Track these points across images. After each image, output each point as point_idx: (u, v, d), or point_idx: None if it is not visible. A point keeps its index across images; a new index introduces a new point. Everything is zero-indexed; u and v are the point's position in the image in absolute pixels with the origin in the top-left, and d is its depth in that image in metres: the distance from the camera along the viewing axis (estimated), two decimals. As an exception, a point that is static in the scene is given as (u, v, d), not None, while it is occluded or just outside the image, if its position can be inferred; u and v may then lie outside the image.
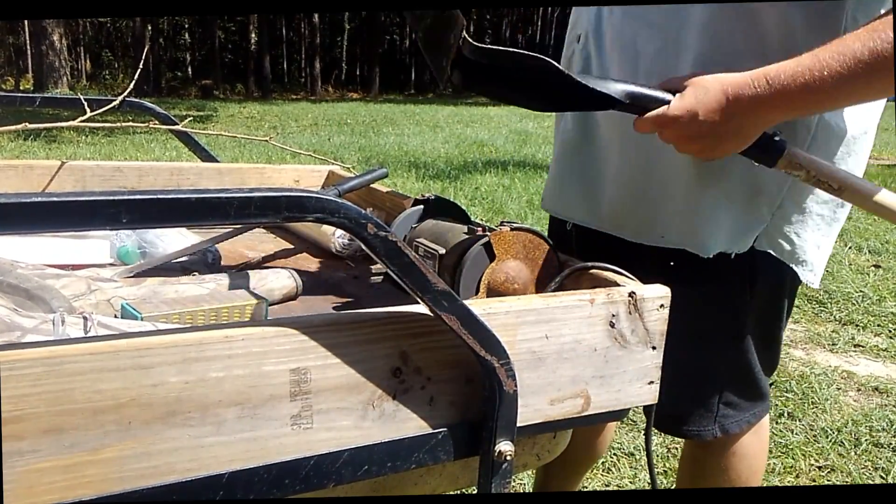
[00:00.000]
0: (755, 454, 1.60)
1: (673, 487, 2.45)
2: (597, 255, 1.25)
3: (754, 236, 1.36)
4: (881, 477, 2.64)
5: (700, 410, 1.51)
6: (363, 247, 0.82)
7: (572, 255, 1.27)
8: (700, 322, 1.39)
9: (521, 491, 2.45)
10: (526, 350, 1.00)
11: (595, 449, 1.98)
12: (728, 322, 1.45)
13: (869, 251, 5.63)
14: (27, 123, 1.70)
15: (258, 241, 1.82)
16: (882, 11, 1.16)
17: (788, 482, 2.59)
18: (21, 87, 27.76)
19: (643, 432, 2.79)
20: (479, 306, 0.95)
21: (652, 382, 1.12)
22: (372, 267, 1.61)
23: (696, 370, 1.47)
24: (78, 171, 1.86)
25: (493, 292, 1.19)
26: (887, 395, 3.27)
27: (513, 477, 1.02)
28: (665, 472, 2.59)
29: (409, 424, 0.95)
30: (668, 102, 1.20)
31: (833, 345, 3.82)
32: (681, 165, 1.35)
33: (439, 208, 1.42)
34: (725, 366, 1.49)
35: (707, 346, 1.45)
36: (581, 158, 1.50)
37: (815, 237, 1.39)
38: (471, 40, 1.14)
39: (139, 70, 2.83)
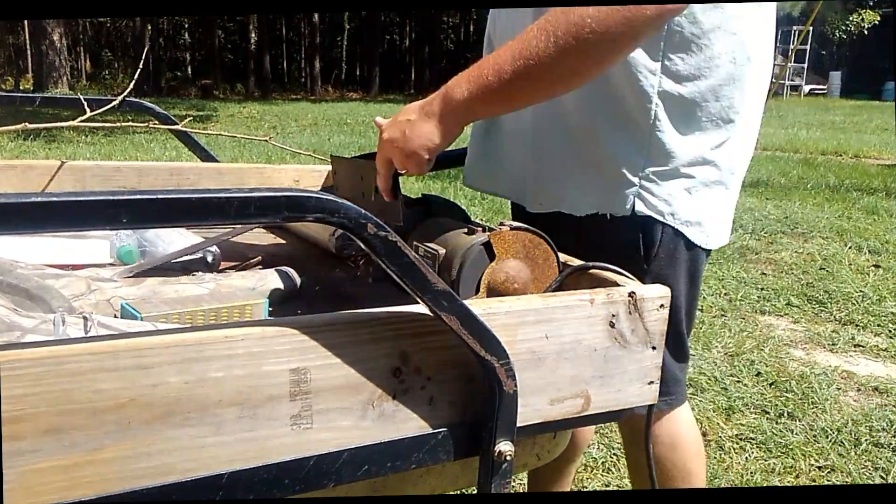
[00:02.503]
0: (680, 441, 1.64)
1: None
2: (526, 222, 1.32)
3: (627, 199, 1.41)
4: (881, 477, 2.64)
5: None
6: (363, 247, 0.82)
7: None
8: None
9: (521, 491, 2.45)
10: (526, 350, 1.00)
11: (576, 438, 1.99)
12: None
13: (869, 251, 5.63)
14: (27, 123, 1.71)
15: (258, 241, 1.82)
16: None
17: (788, 482, 2.59)
18: (21, 87, 27.76)
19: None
20: (478, 306, 0.95)
21: (652, 382, 1.12)
22: (364, 265, 1.61)
23: None
24: (78, 171, 1.86)
25: (492, 292, 1.19)
26: (887, 395, 3.27)
27: (513, 477, 1.02)
28: (665, 472, 2.59)
29: (408, 424, 0.95)
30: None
31: (833, 345, 3.82)
32: (550, 142, 1.47)
33: (439, 208, 1.42)
34: None
35: None
36: (490, 141, 1.61)
37: (696, 198, 1.44)
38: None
39: (139, 70, 2.83)
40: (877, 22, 30.56)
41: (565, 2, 1.19)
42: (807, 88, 30.13)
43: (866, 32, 31.05)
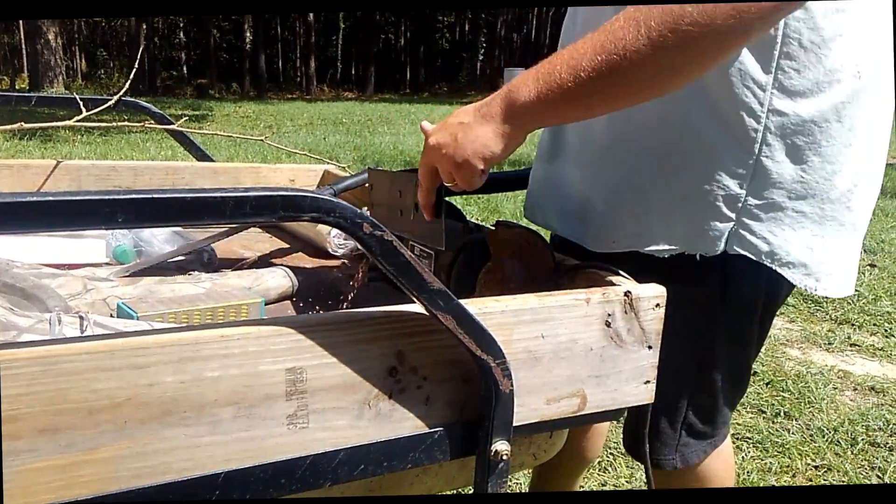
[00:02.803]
0: (720, 478, 1.54)
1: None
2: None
3: (720, 237, 1.23)
4: (878, 476, 2.64)
5: (662, 436, 1.43)
6: (359, 246, 0.82)
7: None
8: (668, 330, 1.23)
9: (518, 491, 2.45)
10: (522, 349, 1.00)
11: (585, 453, 1.96)
12: (698, 330, 1.34)
13: (865, 250, 5.64)
14: (23, 123, 1.70)
15: (254, 241, 1.82)
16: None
17: (785, 482, 2.60)
18: (16, 87, 27.72)
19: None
20: (474, 306, 0.95)
21: (648, 382, 1.13)
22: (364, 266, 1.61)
23: (660, 386, 1.28)
24: (73, 170, 1.86)
25: (488, 292, 1.19)
26: (883, 395, 3.28)
27: (509, 477, 1.02)
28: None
29: (405, 424, 0.95)
30: None
31: (829, 344, 3.83)
32: (632, 170, 1.27)
33: (435, 208, 1.42)
34: (691, 383, 1.40)
35: (672, 357, 1.25)
36: (553, 168, 1.44)
37: (802, 237, 1.24)
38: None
39: (134, 69, 2.82)
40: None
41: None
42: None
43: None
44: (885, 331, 4.02)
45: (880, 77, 1.21)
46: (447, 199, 1.29)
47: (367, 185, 1.48)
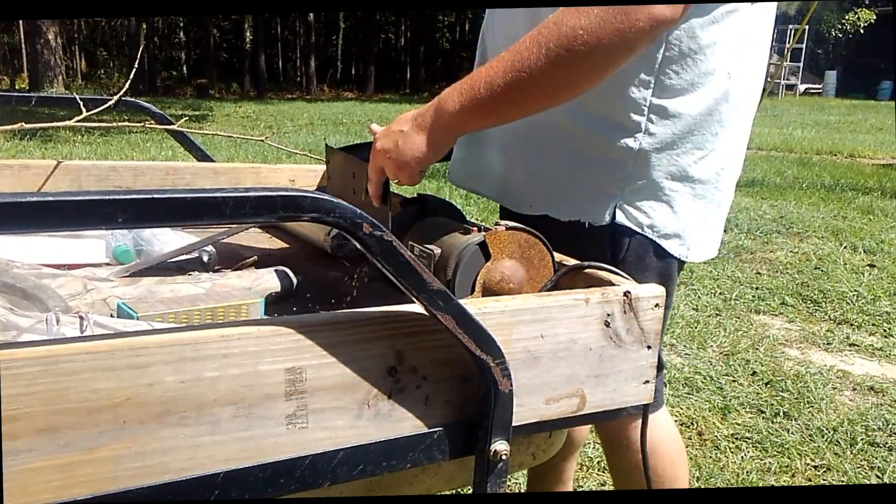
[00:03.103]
0: (658, 446, 1.62)
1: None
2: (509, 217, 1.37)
3: (608, 208, 1.42)
4: (877, 476, 2.64)
5: None
6: (358, 246, 0.82)
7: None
8: None
9: (517, 491, 2.45)
10: (521, 349, 1.00)
11: (574, 435, 1.98)
12: None
13: (864, 251, 5.64)
14: (23, 123, 1.70)
15: (254, 241, 1.82)
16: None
17: (784, 482, 2.60)
18: (16, 87, 27.70)
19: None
20: (474, 306, 0.95)
21: (647, 382, 1.13)
22: (366, 266, 1.61)
23: None
24: (74, 170, 1.86)
25: (488, 292, 1.19)
26: (882, 395, 3.28)
27: (508, 476, 1.02)
28: (660, 471, 2.59)
29: (404, 424, 0.95)
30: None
31: (828, 344, 3.83)
32: (542, 142, 1.46)
33: (434, 208, 1.43)
34: None
35: None
36: (474, 139, 1.59)
37: (677, 212, 1.43)
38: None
39: (134, 69, 2.82)
40: (872, 21, 30.59)
41: (559, 2, 1.18)
42: (802, 88, 30.15)
43: (862, 31, 31.04)
44: (884, 331, 4.02)
45: (747, 76, 1.41)
46: (443, 199, 1.48)
47: (325, 157, 1.69)
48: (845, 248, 5.71)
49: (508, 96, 1.20)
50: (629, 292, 1.07)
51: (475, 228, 1.25)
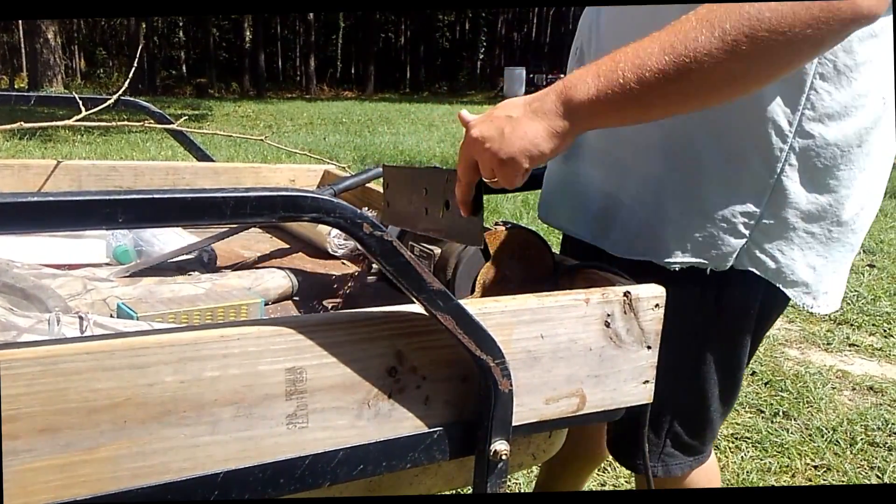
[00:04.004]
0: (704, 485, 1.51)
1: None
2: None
3: (732, 253, 1.23)
4: (877, 476, 2.64)
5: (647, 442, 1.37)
6: (359, 246, 0.82)
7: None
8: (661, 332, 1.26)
9: (517, 491, 2.45)
10: (521, 349, 1.00)
11: (598, 451, 1.94)
12: (689, 336, 1.32)
13: (864, 251, 5.64)
14: (22, 122, 1.70)
15: (254, 241, 1.82)
16: None
17: (784, 482, 2.60)
18: (15, 86, 27.71)
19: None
20: (474, 306, 0.95)
21: (647, 382, 1.13)
22: (366, 266, 1.61)
23: None
24: (73, 170, 1.86)
25: (488, 292, 1.19)
26: (882, 395, 3.28)
27: (508, 476, 1.02)
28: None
29: (404, 424, 0.95)
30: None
31: (828, 344, 3.83)
32: (654, 179, 1.26)
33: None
34: (680, 391, 1.36)
35: (664, 358, 1.23)
36: (569, 170, 1.42)
37: (808, 257, 1.25)
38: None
39: (134, 68, 2.82)
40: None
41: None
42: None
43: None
44: (884, 331, 4.02)
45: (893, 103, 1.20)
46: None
47: (382, 182, 1.44)
48: (845, 247, 5.70)
49: (662, 85, 0.99)
50: (629, 292, 1.07)
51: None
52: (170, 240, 1.59)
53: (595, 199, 1.36)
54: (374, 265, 1.39)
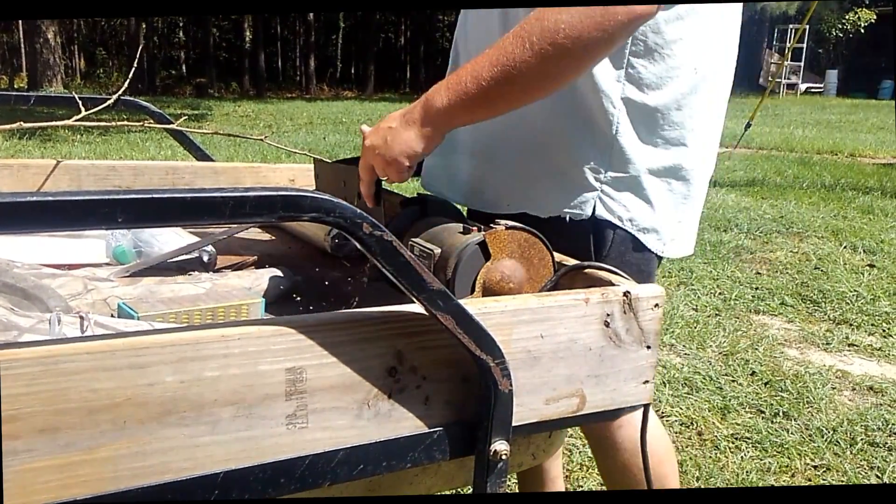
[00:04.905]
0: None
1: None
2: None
3: (588, 203, 1.44)
4: (877, 476, 2.64)
5: None
6: (358, 246, 0.82)
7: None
8: None
9: (517, 491, 2.45)
10: (521, 349, 1.00)
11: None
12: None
13: (864, 251, 5.64)
14: (22, 122, 1.70)
15: (254, 241, 1.82)
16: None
17: (784, 482, 2.60)
18: (15, 86, 27.70)
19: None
20: (474, 306, 0.95)
21: (647, 382, 1.13)
22: (367, 266, 1.61)
23: None
24: (73, 170, 1.85)
25: (488, 291, 1.19)
26: (882, 395, 3.28)
27: (508, 476, 1.02)
28: (660, 470, 2.59)
29: (404, 424, 0.95)
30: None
31: (827, 344, 3.83)
32: (516, 146, 1.49)
33: (434, 208, 1.42)
34: None
35: None
36: (444, 160, 1.63)
37: (655, 207, 1.46)
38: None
39: (133, 68, 2.82)
40: (873, 20, 30.61)
41: (547, 2, 1.21)
42: (803, 87, 30.06)
43: (863, 31, 31.09)
44: (884, 331, 4.02)
45: (716, 72, 1.46)
46: (443, 199, 1.49)
47: (314, 173, 1.72)
48: (845, 248, 5.71)
49: (495, 89, 1.23)
50: (629, 292, 1.08)
51: (475, 228, 1.25)
52: (170, 240, 1.59)
53: (467, 167, 1.61)
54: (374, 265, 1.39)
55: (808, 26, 18.16)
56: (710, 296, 4.53)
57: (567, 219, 1.46)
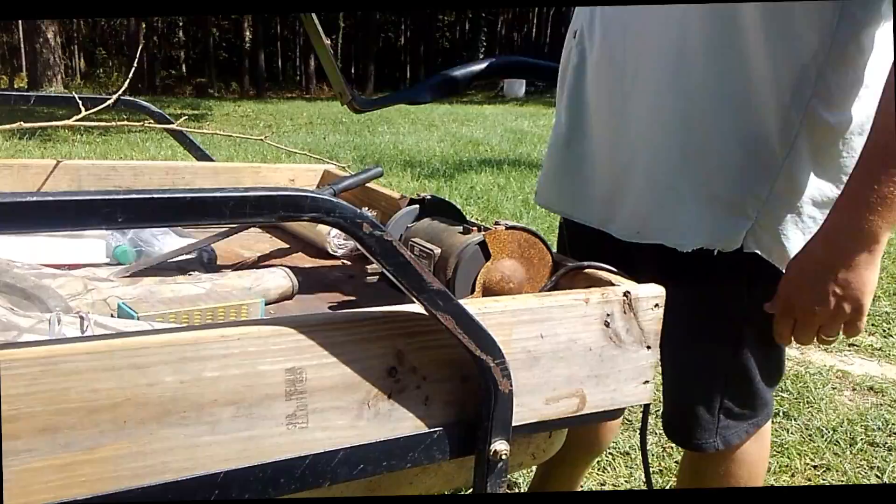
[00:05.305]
0: (756, 461, 1.57)
1: (669, 487, 2.45)
2: (586, 254, 1.26)
3: (739, 234, 1.29)
4: (877, 476, 2.64)
5: (701, 422, 1.48)
6: (359, 246, 0.82)
7: (565, 254, 1.28)
8: (694, 325, 1.38)
9: (517, 490, 2.45)
10: (521, 349, 1.00)
11: (597, 442, 1.96)
12: (723, 325, 1.41)
13: (863, 250, 5.63)
14: (22, 122, 1.70)
15: (254, 241, 1.82)
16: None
17: (784, 482, 2.60)
18: (15, 86, 27.70)
19: (639, 431, 2.79)
20: (474, 306, 0.95)
21: (647, 382, 1.13)
22: (367, 266, 1.61)
23: (694, 377, 1.47)
24: (73, 170, 1.86)
25: (488, 291, 1.19)
26: (882, 395, 3.28)
27: (508, 476, 1.02)
28: (660, 471, 2.60)
29: (404, 424, 0.95)
30: None
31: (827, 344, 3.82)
32: (663, 161, 1.33)
33: (435, 208, 1.42)
34: (723, 372, 1.45)
35: (703, 350, 1.42)
36: (572, 153, 1.48)
37: (806, 238, 1.29)
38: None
39: (133, 68, 2.82)
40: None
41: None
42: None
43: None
44: (884, 331, 4.02)
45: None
46: (443, 199, 1.41)
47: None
48: (845, 247, 5.70)
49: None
50: (629, 292, 1.08)
51: (475, 228, 1.25)
52: (170, 240, 1.59)
53: (601, 183, 1.41)
54: (374, 265, 1.39)
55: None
56: (710, 296, 4.52)
57: (715, 252, 1.31)
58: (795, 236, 1.30)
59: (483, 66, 1.69)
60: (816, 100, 1.22)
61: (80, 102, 1.84)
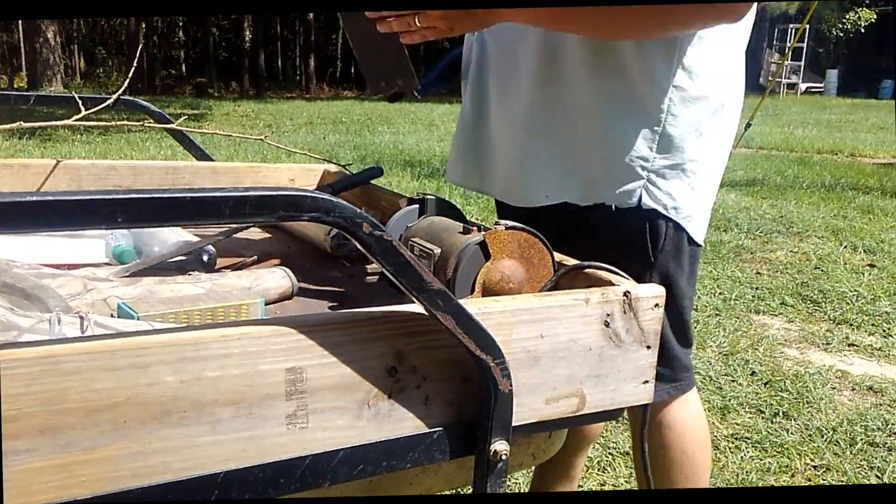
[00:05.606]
0: (689, 429, 1.64)
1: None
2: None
3: (634, 191, 1.45)
4: (877, 476, 2.64)
5: None
6: (358, 246, 0.82)
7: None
8: None
9: (517, 490, 2.45)
10: (521, 349, 1.00)
11: (588, 430, 1.98)
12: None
13: (864, 250, 5.64)
14: (21, 122, 1.70)
15: (253, 241, 1.82)
16: None
17: (784, 482, 2.60)
18: (15, 85, 27.69)
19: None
20: (474, 305, 0.95)
21: (647, 381, 1.13)
22: (367, 266, 1.61)
23: None
24: (73, 169, 1.86)
25: (488, 291, 1.19)
26: (882, 395, 3.28)
27: (508, 476, 1.02)
28: (660, 470, 2.59)
29: (404, 424, 0.95)
30: None
31: (827, 344, 3.83)
32: (559, 131, 1.49)
33: (435, 207, 1.43)
34: None
35: None
36: (476, 133, 1.63)
37: (696, 194, 1.48)
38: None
39: (133, 68, 2.82)
40: (873, 20, 30.66)
41: (560, 2, 1.21)
42: (803, 87, 30.02)
43: (863, 30, 31.15)
44: (884, 331, 4.02)
45: (742, 59, 1.50)
46: (443, 199, 1.45)
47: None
48: (845, 247, 5.71)
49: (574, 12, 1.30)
50: (629, 292, 1.08)
51: (475, 228, 1.24)
52: (169, 240, 1.59)
53: (505, 159, 1.58)
54: (374, 265, 1.39)
55: (808, 26, 18.16)
56: (711, 296, 4.53)
57: (614, 208, 1.46)
58: (681, 189, 1.46)
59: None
60: (680, 70, 1.40)
61: (79, 102, 1.84)
